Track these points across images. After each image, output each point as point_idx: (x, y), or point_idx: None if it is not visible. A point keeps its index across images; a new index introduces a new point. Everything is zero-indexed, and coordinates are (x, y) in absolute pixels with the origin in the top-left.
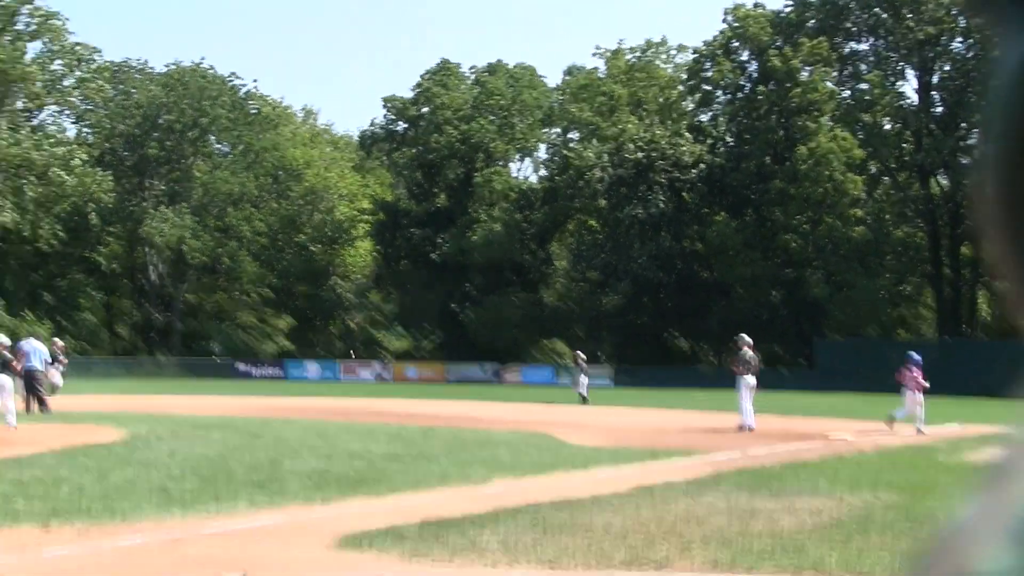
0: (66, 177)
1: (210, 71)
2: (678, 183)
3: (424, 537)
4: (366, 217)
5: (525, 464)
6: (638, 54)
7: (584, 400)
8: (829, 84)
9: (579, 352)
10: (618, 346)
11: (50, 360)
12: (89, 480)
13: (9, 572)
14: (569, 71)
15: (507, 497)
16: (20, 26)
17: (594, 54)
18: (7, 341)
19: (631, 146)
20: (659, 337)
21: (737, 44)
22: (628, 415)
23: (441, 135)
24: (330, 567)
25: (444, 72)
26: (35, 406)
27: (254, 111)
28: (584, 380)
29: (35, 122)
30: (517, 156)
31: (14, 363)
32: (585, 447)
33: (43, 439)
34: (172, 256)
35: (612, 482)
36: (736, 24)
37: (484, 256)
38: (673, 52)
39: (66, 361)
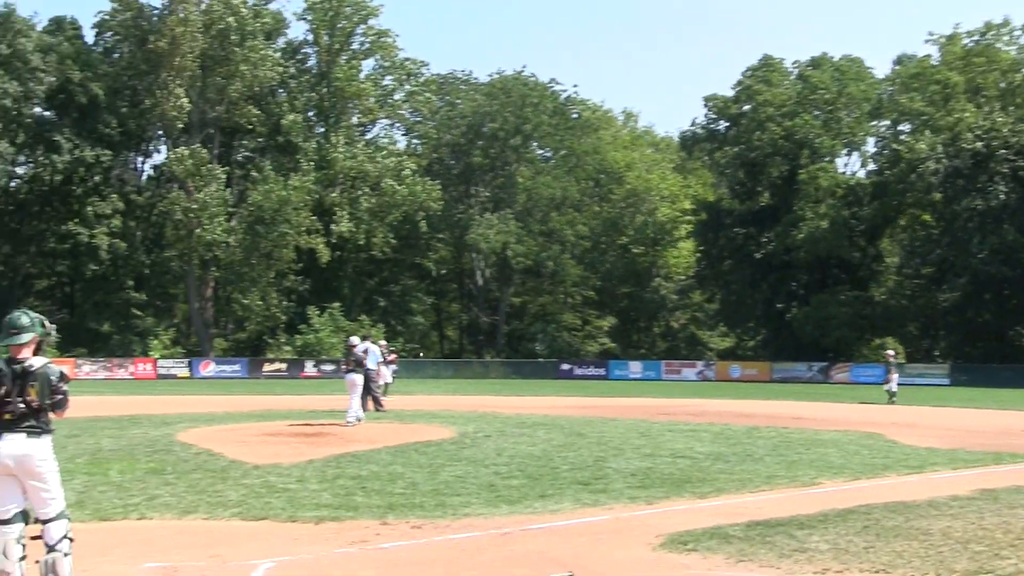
0: (398, 187)
1: (531, 78)
2: (1022, 172)
3: (750, 539)
4: (688, 218)
5: (855, 465)
6: (976, 38)
7: (891, 399)
8: None
9: (890, 351)
10: (955, 344)
11: (382, 360)
12: (422, 476)
13: (350, 562)
14: (899, 60)
15: (837, 499)
16: (355, 45)
17: (927, 41)
18: (357, 341)
19: (969, 135)
20: (1002, 335)
21: None
22: (966, 416)
23: (764, 132)
24: (655, 568)
25: (766, 68)
26: (371, 405)
27: (575, 116)
28: (895, 378)
29: (368, 136)
30: (843, 151)
31: (365, 362)
32: (919, 448)
33: (379, 436)
34: (497, 260)
35: (950, 485)
36: None
37: (810, 253)
38: (1017, 33)
39: (392, 357)
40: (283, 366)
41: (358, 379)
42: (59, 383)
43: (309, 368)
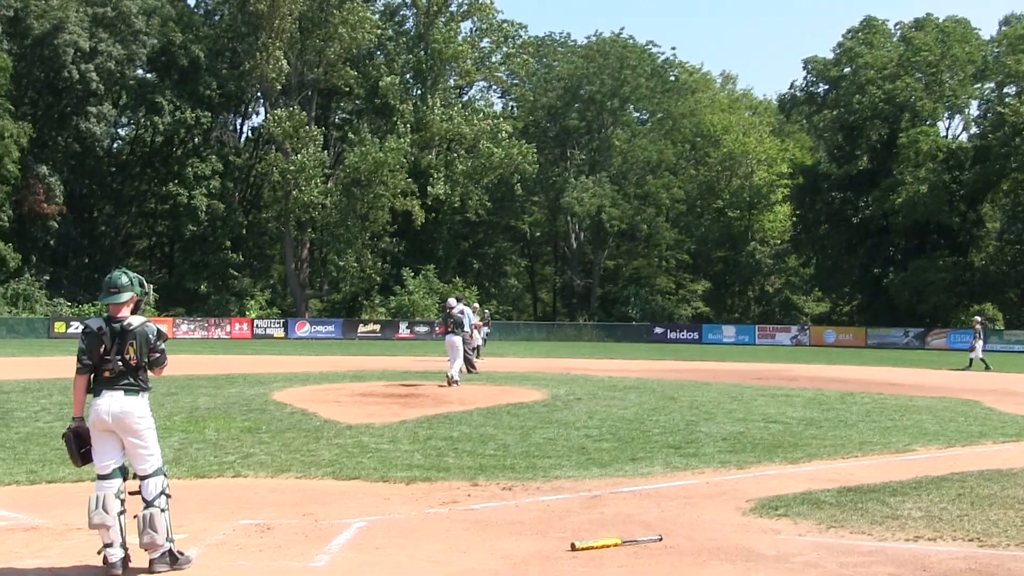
0: (495, 150)
1: (629, 41)
2: None
3: (842, 505)
4: (785, 181)
5: (950, 432)
6: None
7: (972, 365)
8: None
9: (978, 318)
10: None
11: (474, 323)
12: (513, 438)
13: (440, 522)
14: (1007, 21)
15: (931, 466)
16: (453, 7)
17: None
18: (455, 303)
19: None
20: None
21: None
22: None
23: (864, 95)
24: (745, 532)
25: (868, 30)
26: (464, 367)
27: (672, 79)
28: (980, 345)
29: (465, 98)
30: (946, 114)
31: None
32: (1018, 416)
33: (471, 398)
34: (592, 224)
35: None
36: None
37: (908, 218)
38: None
39: (478, 323)
40: (377, 327)
41: (457, 341)
42: (157, 341)
43: (403, 330)
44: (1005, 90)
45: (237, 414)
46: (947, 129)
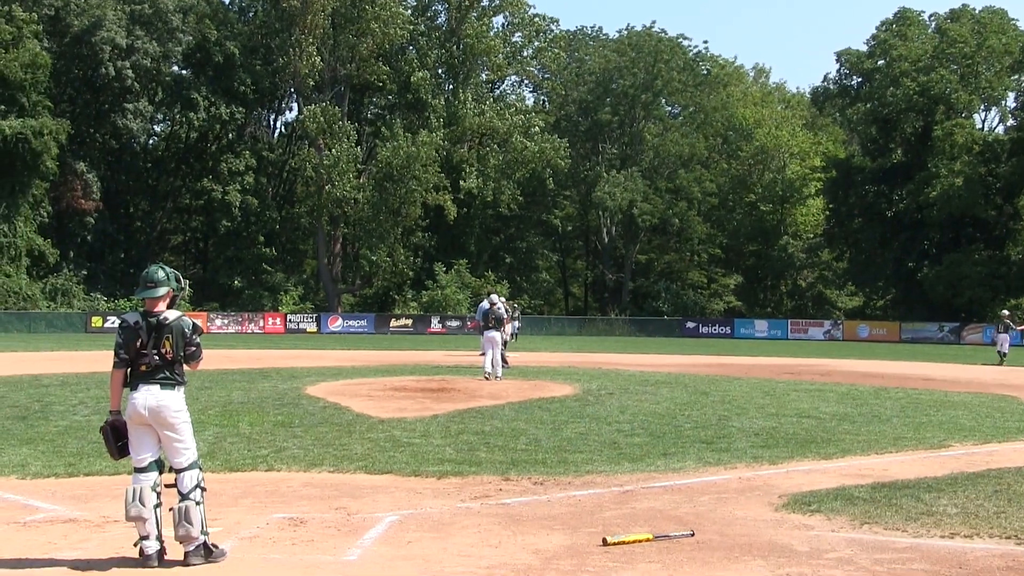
0: (527, 144)
1: (661, 34)
2: None
3: (876, 501)
4: (818, 175)
5: (986, 428)
6: None
7: (1000, 360)
8: None
9: (1005, 311)
10: None
11: (505, 317)
12: (544, 433)
13: (472, 517)
14: None
15: (967, 462)
16: (485, 2)
17: None
18: (497, 299)
19: None
20: None
21: None
22: None
23: (898, 88)
24: (777, 528)
25: (902, 22)
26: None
27: (704, 72)
28: (1006, 338)
29: (497, 92)
30: (982, 106)
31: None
32: None
33: (503, 393)
34: (623, 218)
35: None
36: None
37: (943, 212)
38: None
39: (511, 318)
40: (409, 322)
41: (497, 336)
42: (192, 335)
43: (435, 324)
44: None
45: (270, 408)
46: (983, 121)
